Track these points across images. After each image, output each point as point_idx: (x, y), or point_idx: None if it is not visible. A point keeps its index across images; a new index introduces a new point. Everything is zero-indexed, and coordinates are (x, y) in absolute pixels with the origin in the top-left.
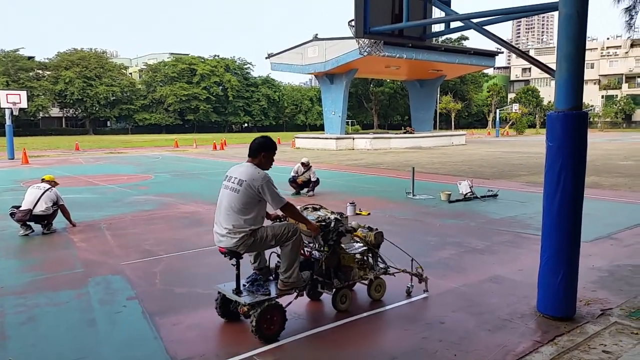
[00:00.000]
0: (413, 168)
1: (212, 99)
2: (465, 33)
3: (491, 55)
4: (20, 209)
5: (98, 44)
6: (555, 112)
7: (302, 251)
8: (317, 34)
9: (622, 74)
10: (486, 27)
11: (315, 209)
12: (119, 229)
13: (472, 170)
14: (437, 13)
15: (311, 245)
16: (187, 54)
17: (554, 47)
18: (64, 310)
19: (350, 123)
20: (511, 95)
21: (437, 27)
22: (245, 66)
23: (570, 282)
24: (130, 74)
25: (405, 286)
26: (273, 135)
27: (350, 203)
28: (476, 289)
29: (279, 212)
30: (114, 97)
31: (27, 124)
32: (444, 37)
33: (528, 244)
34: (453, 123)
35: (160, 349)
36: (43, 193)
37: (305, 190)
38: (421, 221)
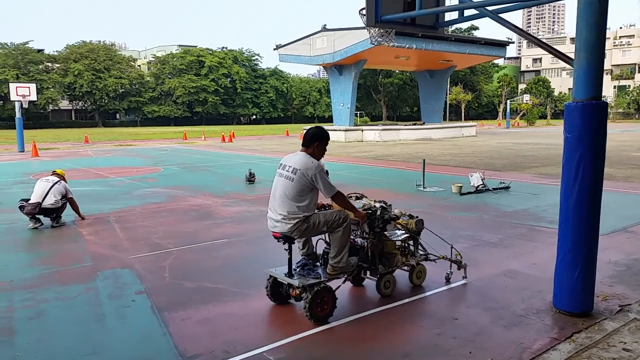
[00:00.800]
0: (424, 160)
1: (221, 91)
2: (476, 23)
3: (502, 45)
4: (30, 202)
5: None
6: (574, 102)
7: None
8: (325, 25)
9: (635, 64)
10: (501, 15)
11: (358, 198)
12: (128, 222)
13: (483, 162)
14: (449, 2)
15: (356, 232)
16: (195, 46)
17: (565, 36)
18: (72, 305)
19: (359, 114)
20: (522, 86)
21: (450, 16)
22: (254, 58)
23: (588, 277)
24: (139, 66)
25: (444, 272)
26: (281, 127)
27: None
28: (490, 284)
29: (324, 202)
30: (122, 90)
31: (37, 117)
32: (453, 27)
33: (542, 237)
34: (463, 114)
35: (169, 344)
36: (52, 186)
37: None
38: (432, 214)
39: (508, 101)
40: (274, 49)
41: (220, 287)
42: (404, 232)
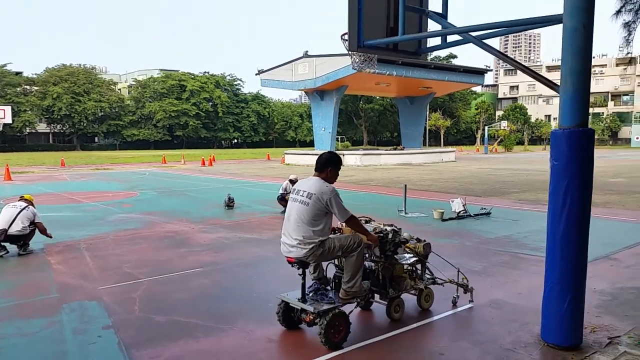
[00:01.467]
0: (405, 185)
1: (202, 115)
2: (454, 52)
3: (480, 72)
4: None
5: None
6: (561, 129)
7: None
8: (307, 51)
9: (608, 92)
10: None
11: (367, 221)
12: (99, 250)
13: (464, 188)
14: (432, 27)
15: (366, 256)
16: (177, 70)
17: (541, 64)
18: (32, 342)
19: (340, 139)
20: (499, 113)
21: (433, 42)
22: (236, 82)
23: (577, 309)
24: (119, 89)
25: (450, 296)
26: (262, 151)
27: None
28: (476, 315)
29: (336, 225)
30: (102, 113)
31: (13, 140)
32: (433, 55)
33: (526, 265)
34: (442, 140)
35: None
36: (19, 212)
37: None
38: None
39: (486, 127)
40: (256, 74)
41: (193, 322)
42: (412, 255)
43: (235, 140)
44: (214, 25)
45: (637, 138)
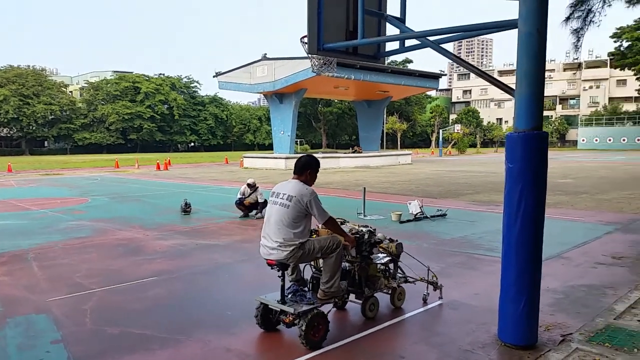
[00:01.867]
0: (364, 188)
1: (157, 118)
2: (410, 56)
3: (435, 77)
4: None
5: (37, 62)
6: (516, 132)
7: None
8: (266, 54)
9: (557, 96)
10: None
11: (342, 223)
12: (48, 260)
13: (420, 190)
14: (390, 32)
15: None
16: (131, 72)
17: (493, 69)
18: None
19: (299, 142)
20: (453, 116)
21: (392, 46)
22: (192, 85)
23: (532, 309)
24: (71, 92)
25: (420, 294)
26: (220, 155)
27: None
28: (434, 316)
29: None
30: (52, 116)
31: None
32: (389, 60)
33: (481, 265)
34: (399, 143)
35: None
36: None
37: (254, 212)
38: None
39: (440, 130)
40: (214, 76)
41: (148, 333)
42: (385, 255)
43: (192, 144)
44: (169, 27)
45: (583, 140)
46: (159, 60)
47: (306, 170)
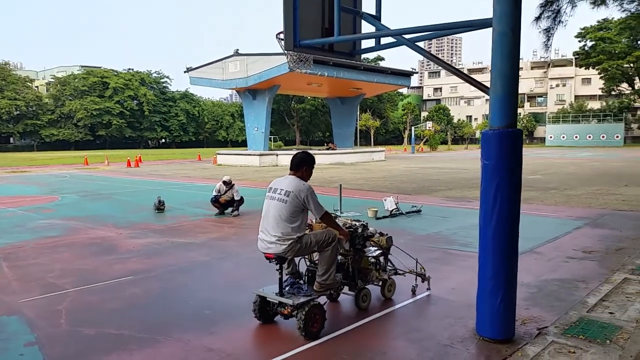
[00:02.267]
0: (340, 185)
1: (126, 114)
2: (381, 54)
3: (407, 75)
4: None
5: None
6: (491, 129)
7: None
8: (238, 49)
9: (525, 94)
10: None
11: (335, 218)
12: (18, 260)
13: (395, 186)
14: (365, 29)
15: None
16: (100, 67)
17: (463, 67)
18: None
19: (272, 139)
20: (424, 114)
21: (367, 44)
22: (163, 80)
23: (509, 303)
24: (37, 87)
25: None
26: (193, 152)
27: None
28: (413, 312)
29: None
30: (17, 112)
31: None
32: (362, 57)
33: (456, 260)
34: (372, 140)
35: None
36: None
37: (230, 209)
38: None
39: (412, 128)
40: (185, 72)
41: (126, 333)
42: (376, 248)
43: (163, 140)
44: (139, 21)
45: (551, 137)
46: (128, 55)
47: (302, 166)
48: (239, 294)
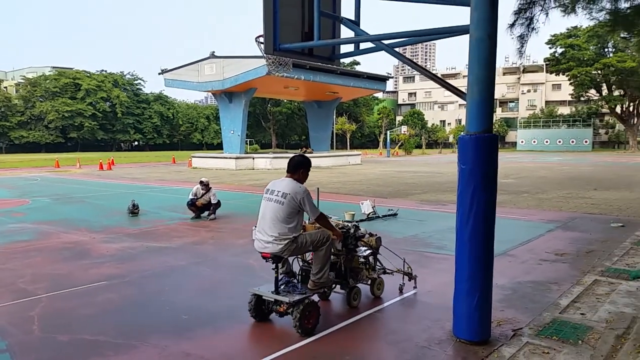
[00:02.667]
0: (318, 189)
1: (99, 116)
2: (357, 58)
3: (382, 79)
4: None
5: None
6: (467, 134)
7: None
8: (214, 52)
9: (497, 99)
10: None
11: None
12: None
13: (371, 190)
14: (345, 34)
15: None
16: (71, 68)
17: (437, 73)
18: None
19: (248, 142)
20: (399, 118)
21: (346, 48)
22: (136, 82)
23: (485, 305)
24: (6, 87)
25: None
26: (167, 154)
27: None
28: (390, 314)
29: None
30: None
31: None
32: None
33: (432, 263)
34: (348, 143)
35: None
36: None
37: (206, 213)
38: None
39: (388, 132)
40: (159, 74)
41: (101, 339)
42: (367, 248)
43: (136, 143)
44: (113, 22)
45: (522, 142)
46: (100, 57)
47: (299, 169)
48: (216, 299)
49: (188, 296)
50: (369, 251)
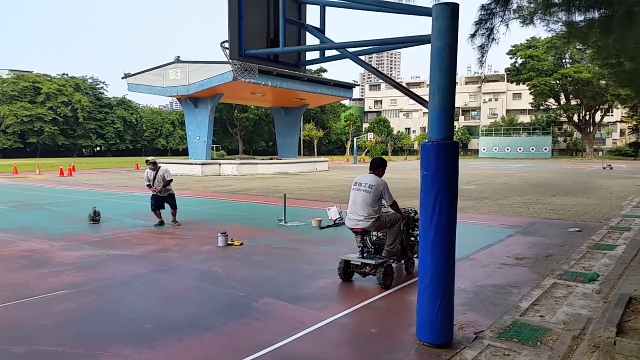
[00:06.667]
0: (284, 195)
1: (60, 121)
2: (324, 66)
3: (349, 87)
4: None
5: None
6: (429, 141)
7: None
8: (179, 56)
9: (459, 107)
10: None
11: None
12: None
13: (338, 196)
14: (310, 41)
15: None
16: (31, 71)
17: (402, 81)
18: None
19: (215, 148)
20: (365, 125)
21: (312, 55)
22: (98, 86)
23: (447, 309)
24: None
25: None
26: (130, 160)
27: (221, 233)
28: (356, 319)
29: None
30: None
31: None
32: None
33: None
34: (315, 150)
35: None
36: None
37: (171, 221)
38: (295, 249)
39: (354, 138)
40: (123, 78)
41: (60, 350)
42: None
43: (98, 148)
44: (74, 24)
45: (484, 149)
46: (61, 60)
47: (379, 168)
48: (179, 307)
49: (150, 304)
50: (417, 232)
